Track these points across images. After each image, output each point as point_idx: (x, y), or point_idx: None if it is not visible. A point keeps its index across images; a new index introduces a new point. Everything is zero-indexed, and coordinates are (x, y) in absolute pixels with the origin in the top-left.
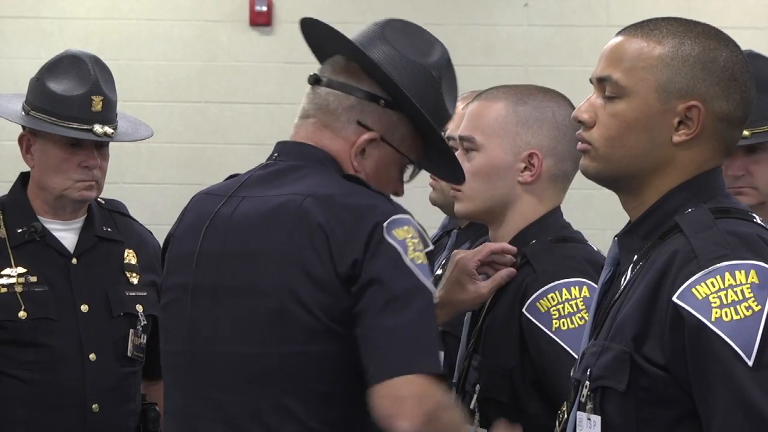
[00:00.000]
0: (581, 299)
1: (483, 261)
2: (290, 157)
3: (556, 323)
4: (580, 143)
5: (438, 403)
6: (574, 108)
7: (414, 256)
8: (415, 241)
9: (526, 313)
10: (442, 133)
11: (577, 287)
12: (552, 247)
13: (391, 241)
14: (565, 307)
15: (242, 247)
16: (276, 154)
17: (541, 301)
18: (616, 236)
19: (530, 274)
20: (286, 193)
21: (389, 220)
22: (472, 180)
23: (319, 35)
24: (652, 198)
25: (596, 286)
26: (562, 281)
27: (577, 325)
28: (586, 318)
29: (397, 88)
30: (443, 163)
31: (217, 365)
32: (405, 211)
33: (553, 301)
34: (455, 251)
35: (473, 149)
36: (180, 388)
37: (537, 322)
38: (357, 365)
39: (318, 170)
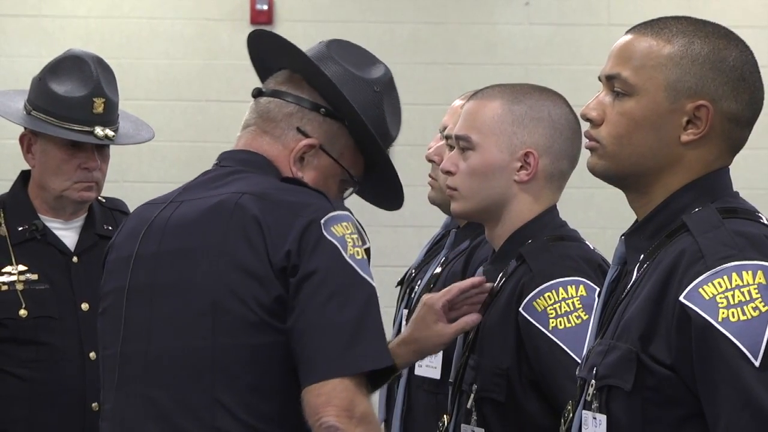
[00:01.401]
0: (578, 298)
1: (452, 301)
2: (231, 162)
3: (552, 322)
4: (587, 141)
5: (366, 410)
6: (570, 107)
7: (353, 252)
8: (354, 237)
9: (522, 312)
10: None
11: (573, 286)
12: (548, 246)
13: (329, 237)
14: (562, 306)
15: (178, 245)
16: (217, 162)
17: (538, 300)
18: (623, 235)
19: (527, 273)
20: (222, 193)
21: (327, 216)
22: (467, 179)
23: (265, 49)
24: (659, 197)
25: (593, 285)
26: (558, 280)
27: (573, 324)
28: (583, 317)
29: (340, 98)
30: (384, 186)
31: (150, 362)
32: (344, 208)
33: (550, 300)
34: (426, 295)
35: (469, 148)
36: (113, 389)
37: (534, 321)
38: (291, 358)
39: (257, 174)
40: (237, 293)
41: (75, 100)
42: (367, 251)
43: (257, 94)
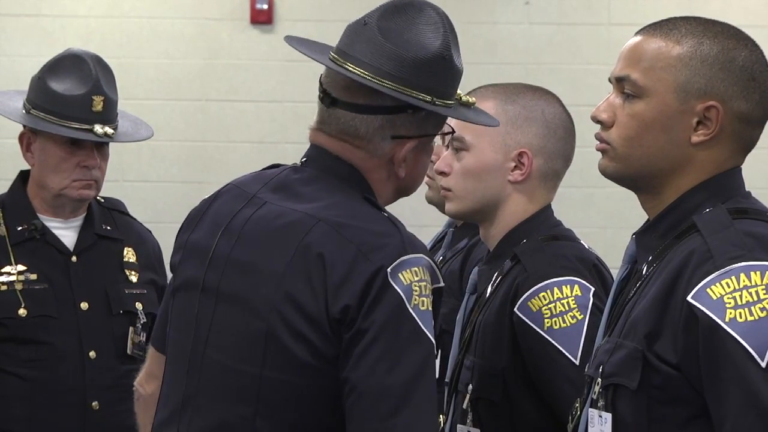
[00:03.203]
0: (573, 298)
1: None
2: (318, 166)
3: (548, 322)
4: (598, 143)
5: None
6: (563, 106)
7: (418, 302)
8: (422, 284)
9: (517, 312)
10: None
11: (568, 286)
12: (543, 246)
13: (395, 286)
14: (557, 305)
15: (247, 258)
16: (305, 159)
17: (533, 300)
18: (634, 234)
19: (521, 273)
20: (300, 209)
21: (396, 262)
22: (461, 179)
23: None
24: (670, 197)
25: (587, 284)
26: (553, 280)
27: (569, 324)
28: (578, 317)
29: (426, 101)
30: (471, 115)
31: (205, 370)
32: (417, 248)
33: (545, 300)
34: None
35: (463, 149)
36: (174, 378)
37: (529, 322)
38: (334, 402)
39: (340, 187)
40: (291, 330)
41: (74, 99)
42: (437, 291)
43: (331, 103)
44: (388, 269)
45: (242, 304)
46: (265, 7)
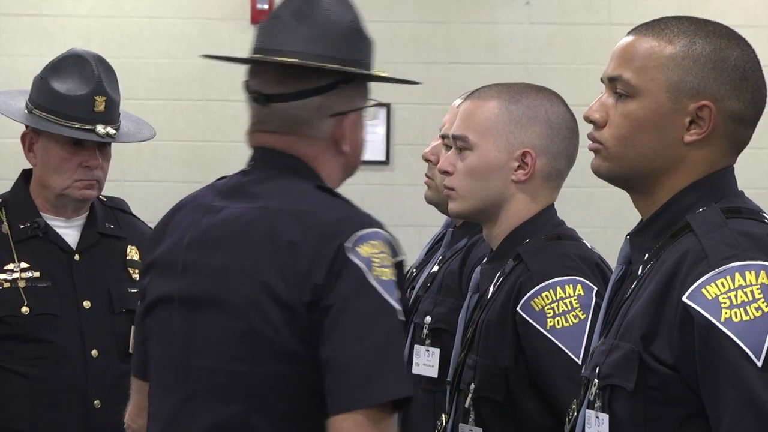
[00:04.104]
0: (575, 297)
1: None
2: (267, 165)
3: (550, 321)
4: (591, 143)
5: None
6: (566, 106)
7: (379, 273)
8: (382, 256)
9: (520, 311)
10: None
11: (571, 285)
12: (546, 245)
13: (355, 260)
14: (560, 305)
15: (216, 262)
16: (253, 162)
17: (536, 299)
18: (628, 234)
19: (524, 272)
20: (260, 206)
21: (354, 238)
22: (465, 179)
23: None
24: (663, 197)
25: (590, 284)
26: (556, 279)
27: (571, 323)
28: (581, 316)
29: (354, 71)
30: (396, 80)
31: (192, 377)
32: (374, 223)
33: (548, 299)
34: None
35: (466, 148)
36: (162, 393)
37: (531, 321)
38: (322, 386)
39: (292, 181)
40: (271, 322)
41: (76, 99)
42: (399, 265)
43: (267, 100)
44: (347, 244)
45: (221, 307)
46: (266, 6)
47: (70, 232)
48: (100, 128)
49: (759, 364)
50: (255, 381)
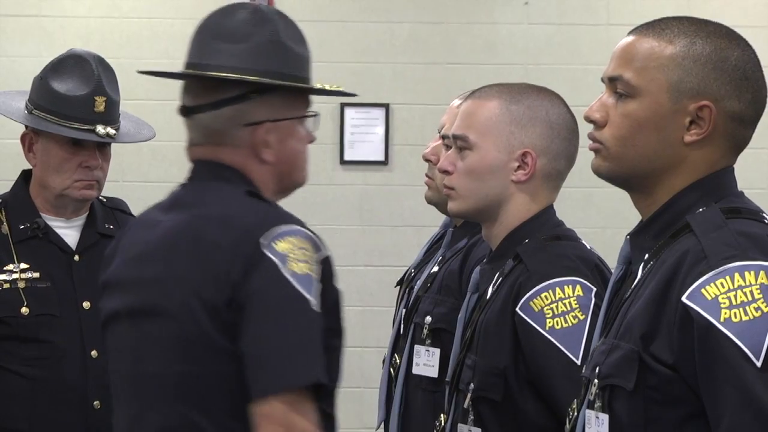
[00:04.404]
0: (575, 298)
1: None
2: (200, 176)
3: (549, 322)
4: (591, 143)
5: (304, 428)
6: (567, 106)
7: (293, 267)
8: (298, 252)
9: (519, 312)
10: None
11: (570, 286)
12: (545, 246)
13: (270, 255)
14: (559, 306)
15: (155, 273)
16: (191, 175)
17: (535, 300)
18: (628, 235)
19: (523, 272)
20: (188, 215)
21: (270, 234)
22: (465, 178)
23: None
24: (663, 197)
25: (589, 284)
26: (555, 280)
27: (570, 324)
28: (580, 317)
29: (256, 81)
30: (336, 92)
31: (141, 385)
32: (293, 221)
33: (547, 300)
34: None
35: (467, 148)
36: (119, 404)
37: (531, 321)
38: None
39: (222, 189)
40: (201, 324)
41: (76, 99)
42: (325, 261)
43: (188, 112)
44: (262, 240)
45: (159, 315)
46: None
47: (69, 233)
48: (100, 128)
49: (758, 364)
50: (194, 382)
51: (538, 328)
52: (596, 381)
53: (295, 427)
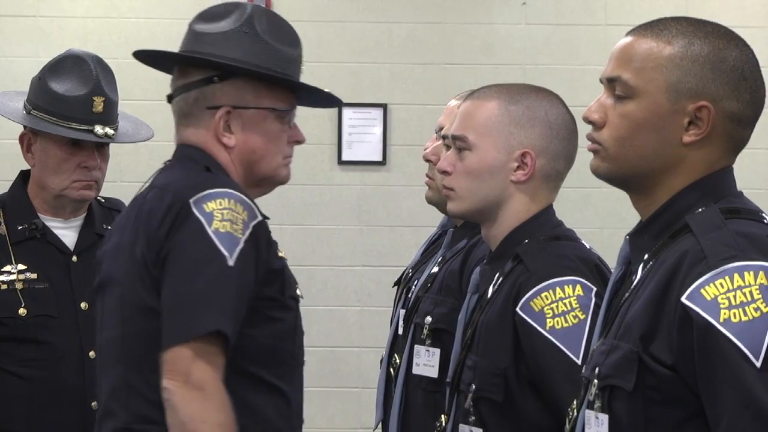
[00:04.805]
0: (575, 298)
1: None
2: (175, 156)
3: (550, 322)
4: (590, 143)
5: (202, 377)
6: (566, 107)
7: (218, 226)
8: (225, 212)
9: (519, 312)
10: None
11: (570, 286)
12: (545, 246)
13: (196, 213)
14: (559, 305)
15: (111, 246)
16: (172, 157)
17: (535, 300)
18: (627, 235)
19: (523, 273)
20: (146, 191)
21: (200, 195)
22: (464, 179)
23: (155, 62)
24: (662, 198)
25: (589, 284)
26: (555, 280)
27: (571, 324)
28: (580, 317)
29: (211, 61)
30: (316, 96)
31: (101, 352)
32: (228, 186)
33: (547, 299)
34: None
35: (466, 148)
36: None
37: (531, 321)
38: None
39: (184, 165)
40: (135, 285)
41: (75, 99)
42: (259, 225)
43: (169, 98)
44: (191, 200)
45: (111, 284)
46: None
47: (67, 233)
48: (99, 129)
49: (758, 364)
50: (130, 342)
51: (538, 328)
52: (596, 381)
53: (193, 375)
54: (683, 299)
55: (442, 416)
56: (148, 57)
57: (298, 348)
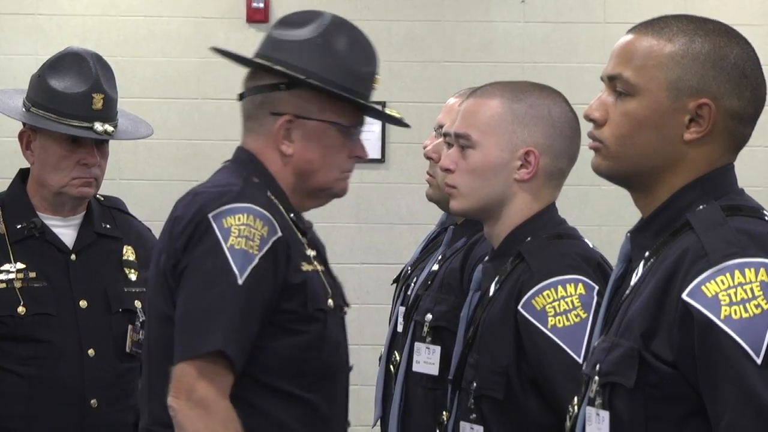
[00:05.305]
0: (577, 296)
1: None
2: (231, 159)
3: (551, 321)
4: (591, 141)
5: (205, 395)
6: (569, 105)
7: (234, 242)
8: (242, 227)
9: (521, 310)
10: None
11: (572, 284)
12: (547, 244)
13: (215, 228)
14: (561, 304)
15: (158, 243)
16: None
17: (537, 298)
18: (628, 232)
19: (525, 271)
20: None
21: (222, 209)
22: (467, 177)
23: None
24: (663, 195)
25: (591, 283)
26: (557, 278)
27: (572, 323)
28: (582, 315)
29: (274, 69)
30: (384, 116)
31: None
32: (252, 200)
33: (549, 298)
34: None
35: (469, 146)
36: None
37: (533, 320)
38: None
39: (230, 170)
40: (157, 292)
41: (74, 96)
42: (279, 242)
43: (240, 98)
44: (211, 215)
45: (147, 284)
46: (261, 5)
47: (66, 232)
48: (98, 126)
49: (758, 361)
50: (152, 347)
51: (540, 326)
52: (597, 378)
53: (196, 392)
54: (684, 296)
55: (444, 413)
56: (225, 54)
57: (329, 356)
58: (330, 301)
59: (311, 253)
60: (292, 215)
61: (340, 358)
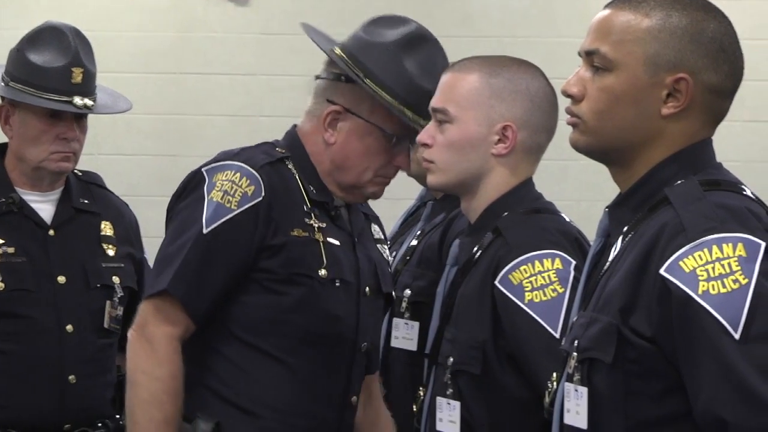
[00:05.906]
0: (554, 271)
1: None
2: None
3: (528, 295)
4: (569, 117)
5: (153, 332)
6: (547, 80)
7: (213, 195)
8: (225, 182)
9: (498, 285)
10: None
11: (549, 259)
12: (524, 219)
13: (205, 181)
14: (538, 279)
15: None
16: None
17: (514, 273)
18: (606, 207)
19: (503, 246)
20: None
21: (215, 165)
22: (445, 152)
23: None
24: (641, 170)
25: (569, 258)
26: (534, 253)
27: (549, 297)
28: (559, 290)
29: (354, 64)
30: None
31: None
32: (244, 161)
33: (526, 273)
34: None
35: (446, 121)
36: None
37: (509, 295)
38: None
39: (267, 143)
40: None
41: (53, 70)
42: (261, 203)
43: (315, 79)
44: (205, 169)
45: None
46: None
47: (45, 207)
48: (78, 100)
49: (736, 336)
50: None
51: (517, 301)
52: (575, 354)
53: (147, 327)
54: (662, 271)
55: (421, 389)
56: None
57: (314, 324)
58: (323, 271)
59: (316, 224)
60: (311, 188)
61: (335, 329)
